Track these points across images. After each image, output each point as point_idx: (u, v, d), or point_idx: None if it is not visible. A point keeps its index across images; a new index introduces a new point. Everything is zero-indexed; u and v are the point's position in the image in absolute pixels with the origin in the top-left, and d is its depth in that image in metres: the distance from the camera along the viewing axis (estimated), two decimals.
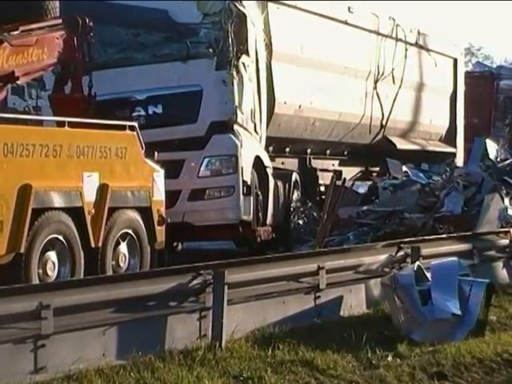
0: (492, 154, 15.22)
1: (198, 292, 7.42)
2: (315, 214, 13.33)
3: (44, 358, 6.18)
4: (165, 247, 9.63)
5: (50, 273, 8.06)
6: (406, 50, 16.51)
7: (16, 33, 8.83)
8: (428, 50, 17.48)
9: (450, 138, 18.63)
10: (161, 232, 9.45)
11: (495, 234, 11.66)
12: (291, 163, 13.59)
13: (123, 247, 9.02)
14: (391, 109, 16.02)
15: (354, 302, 9.18)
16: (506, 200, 12.68)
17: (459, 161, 17.89)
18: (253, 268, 8.20)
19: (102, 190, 8.69)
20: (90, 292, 6.76)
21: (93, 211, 8.52)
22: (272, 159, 13.13)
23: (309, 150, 14.02)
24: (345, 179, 13.75)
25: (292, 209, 13.56)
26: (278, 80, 12.65)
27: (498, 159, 15.22)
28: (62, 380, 6.12)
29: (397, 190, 13.63)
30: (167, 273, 7.58)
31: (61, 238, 8.15)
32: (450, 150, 18.38)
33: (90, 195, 8.52)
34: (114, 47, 11.34)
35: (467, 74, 30.67)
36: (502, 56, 49.23)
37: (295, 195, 13.74)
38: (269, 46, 12.69)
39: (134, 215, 9.18)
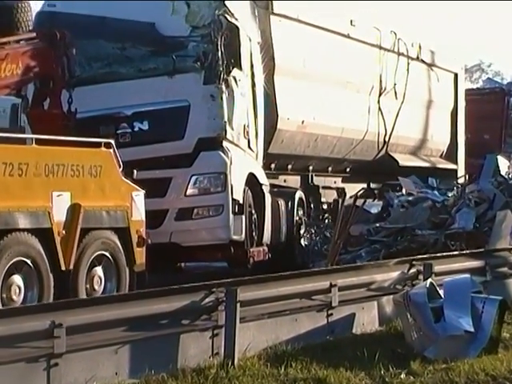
0: (503, 171, 15.21)
1: (211, 310, 7.48)
2: (323, 233, 13.03)
3: (57, 377, 6.22)
4: (145, 269, 9.38)
5: (14, 297, 7.80)
6: (408, 64, 16.65)
7: None
8: (429, 65, 17.47)
9: (450, 154, 18.75)
10: (140, 253, 9.20)
11: (508, 251, 11.68)
12: (294, 180, 13.63)
13: (99, 270, 8.79)
14: (394, 125, 15.97)
15: (367, 320, 9.24)
16: None
17: (460, 176, 17.77)
18: (265, 286, 8.27)
19: (74, 209, 8.42)
20: (102, 310, 6.80)
21: (63, 232, 8.24)
22: (275, 177, 13.27)
23: (311, 167, 14.04)
24: (356, 198, 13.52)
25: (295, 228, 13.29)
26: (280, 95, 12.70)
27: (510, 175, 15.12)
28: None
29: (409, 206, 13.53)
30: (180, 291, 7.56)
31: (27, 260, 7.88)
32: (451, 166, 18.36)
33: (59, 215, 8.25)
34: (99, 61, 11.20)
35: (478, 90, 30.78)
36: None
37: (300, 214, 13.25)
38: (271, 60, 12.62)
39: (111, 236, 8.90)
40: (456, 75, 19.34)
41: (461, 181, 17.18)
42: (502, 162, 16.06)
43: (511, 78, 33.75)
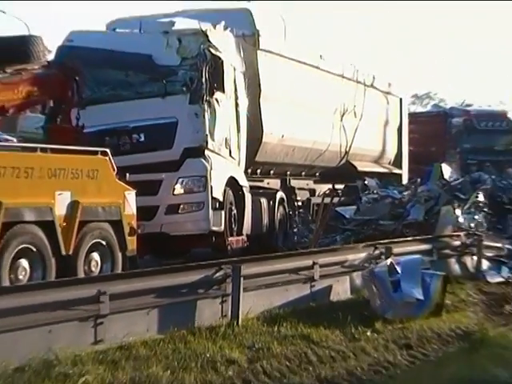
0: (446, 175, 15.32)
1: (220, 282, 7.68)
2: (299, 224, 13.22)
3: (102, 333, 6.40)
4: (136, 254, 9.10)
5: (21, 277, 7.56)
6: (365, 90, 16.67)
7: (7, 73, 8.54)
8: (381, 91, 17.58)
9: (397, 161, 18.96)
10: (132, 241, 8.93)
11: (449, 237, 11.79)
12: (275, 183, 13.71)
13: (95, 255, 8.53)
14: (353, 138, 16.09)
15: (341, 290, 9.43)
16: (458, 210, 12.99)
17: (404, 180, 17.99)
18: (263, 263, 8.53)
19: (74, 205, 8.16)
20: (137, 282, 7.02)
21: (64, 224, 8.02)
22: (260, 180, 13.25)
23: (288, 172, 14.11)
24: (332, 199, 13.81)
25: (278, 221, 13.20)
26: (265, 115, 12.73)
27: (451, 179, 15.25)
28: (116, 350, 6.27)
29: (373, 202, 13.64)
30: (196, 267, 7.77)
31: (32, 247, 7.65)
32: (398, 171, 18.64)
33: (61, 210, 8.00)
34: (106, 86, 11.18)
35: (427, 113, 30.94)
36: (453, 99, 49.46)
37: (280, 210, 13.37)
38: (257, 87, 12.64)
39: (106, 227, 8.64)
40: (401, 100, 19.52)
41: (415, 182, 17.24)
42: (445, 169, 16.19)
43: (452, 104, 33.86)
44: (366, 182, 15.40)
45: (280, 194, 13.41)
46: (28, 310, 5.89)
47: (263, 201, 12.68)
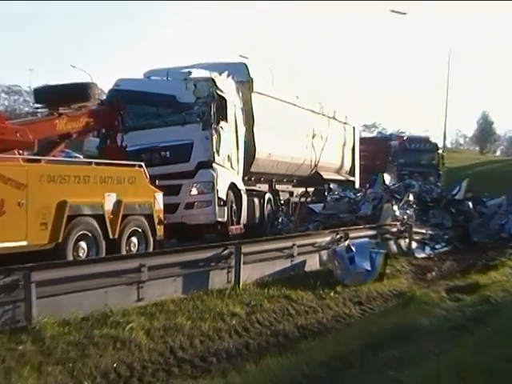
0: (387, 182, 15.33)
1: (226, 257, 7.71)
2: (281, 217, 13.32)
3: (142, 294, 6.48)
4: (163, 239, 8.97)
5: (80, 254, 7.43)
6: (328, 120, 16.63)
7: (72, 109, 8.55)
8: (339, 121, 17.58)
9: (351, 172, 18.89)
10: (160, 229, 8.82)
11: (389, 226, 11.84)
12: (264, 187, 13.55)
13: (134, 239, 8.43)
14: (320, 155, 16.04)
15: (312, 263, 9.43)
16: (395, 207, 13.05)
17: (357, 185, 18.00)
18: (257, 244, 8.45)
19: (118, 203, 8.06)
20: (167, 257, 7.08)
21: (111, 216, 7.93)
22: (254, 185, 12.97)
23: (274, 179, 13.95)
24: (306, 198, 13.85)
25: (266, 214, 13.12)
26: (257, 138, 12.68)
27: (391, 184, 15.30)
28: (152, 305, 6.36)
29: (335, 201, 13.65)
30: (209, 247, 7.83)
31: (88, 233, 7.58)
32: (352, 179, 18.57)
33: (109, 206, 7.92)
34: (143, 117, 11.05)
35: (373, 137, 30.99)
36: (392, 127, 50.06)
37: (268, 206, 13.41)
38: (251, 118, 12.51)
39: (141, 219, 8.54)
40: (354, 128, 19.47)
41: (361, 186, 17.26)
42: (386, 177, 16.10)
43: (391, 131, 34.27)
44: (330, 186, 15.43)
45: (268, 195, 13.34)
46: (90, 277, 5.98)
47: (255, 200, 12.59)
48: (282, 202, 14.20)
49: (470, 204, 14.08)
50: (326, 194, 14.62)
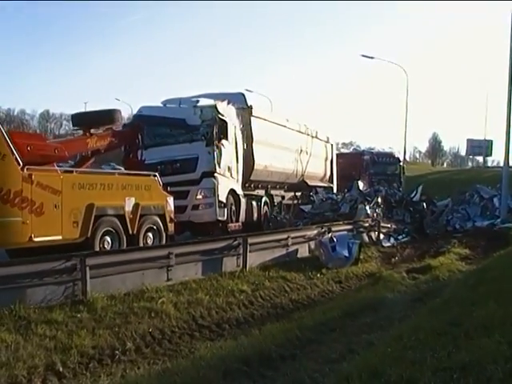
0: (361, 187, 15.29)
1: (236, 247, 7.72)
2: (276, 215, 13.05)
3: (171, 275, 6.54)
4: (174, 234, 8.64)
5: (106, 247, 7.19)
6: (312, 139, 16.50)
7: (101, 130, 8.41)
8: (320, 140, 17.48)
9: (330, 179, 18.62)
10: (171, 226, 8.52)
11: (362, 221, 11.83)
12: (261, 192, 13.33)
13: (149, 234, 8.13)
14: (306, 167, 15.91)
15: (303, 251, 9.39)
16: (367, 207, 13.02)
17: (334, 190, 17.91)
18: (260, 236, 8.47)
19: (136, 205, 7.79)
20: (190, 247, 7.09)
21: (130, 216, 7.66)
22: (253, 190, 12.61)
23: (269, 186, 13.71)
24: (298, 200, 13.69)
25: (263, 214, 12.80)
26: (256, 153, 12.37)
27: (364, 189, 15.28)
28: (178, 284, 6.42)
29: (321, 202, 13.64)
30: (222, 239, 7.90)
31: (112, 229, 7.33)
32: (331, 185, 18.38)
33: (128, 208, 7.66)
34: (158, 137, 10.87)
35: (349, 153, 30.80)
36: (364, 145, 50.11)
37: (264, 208, 13.15)
38: (251, 137, 12.16)
39: (155, 218, 8.22)
40: (332, 145, 19.29)
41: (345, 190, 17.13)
42: (360, 184, 16.05)
43: (364, 148, 34.31)
44: (317, 190, 15.49)
45: (264, 198, 13.04)
46: (130, 262, 6.04)
47: (254, 202, 12.35)
48: (276, 204, 14.19)
49: (424, 204, 14.10)
50: (313, 196, 14.61)
